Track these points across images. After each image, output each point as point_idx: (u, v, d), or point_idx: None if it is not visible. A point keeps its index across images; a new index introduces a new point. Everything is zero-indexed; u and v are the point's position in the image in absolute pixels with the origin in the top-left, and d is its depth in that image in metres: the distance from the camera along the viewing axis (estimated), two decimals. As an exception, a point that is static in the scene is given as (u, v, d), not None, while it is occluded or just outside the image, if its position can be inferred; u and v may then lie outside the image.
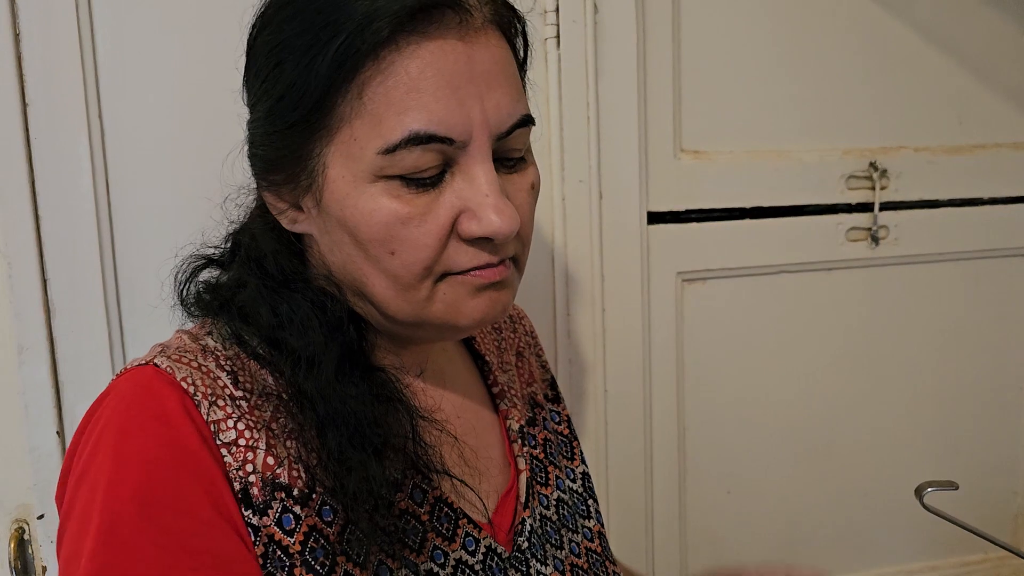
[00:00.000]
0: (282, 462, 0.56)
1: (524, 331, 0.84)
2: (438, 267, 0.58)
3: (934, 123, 1.16)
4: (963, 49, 1.16)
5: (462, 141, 0.56)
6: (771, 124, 1.11)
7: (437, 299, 0.60)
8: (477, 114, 0.56)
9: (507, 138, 0.58)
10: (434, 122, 0.55)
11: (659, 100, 1.06)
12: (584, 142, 1.03)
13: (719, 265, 1.11)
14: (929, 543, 1.23)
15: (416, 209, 0.57)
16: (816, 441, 1.18)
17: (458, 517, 0.64)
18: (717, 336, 1.13)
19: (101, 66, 0.88)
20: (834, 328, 1.17)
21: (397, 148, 0.55)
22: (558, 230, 1.04)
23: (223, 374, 0.58)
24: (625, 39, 1.02)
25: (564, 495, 0.75)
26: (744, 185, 1.10)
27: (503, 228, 0.57)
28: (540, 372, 0.82)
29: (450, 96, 0.56)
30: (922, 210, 1.16)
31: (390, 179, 0.57)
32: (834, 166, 1.13)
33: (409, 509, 0.61)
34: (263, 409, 0.58)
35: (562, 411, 0.81)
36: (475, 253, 0.58)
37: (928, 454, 1.22)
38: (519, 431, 0.73)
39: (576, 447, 0.80)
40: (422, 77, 0.55)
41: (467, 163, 0.57)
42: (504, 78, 0.58)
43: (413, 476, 0.62)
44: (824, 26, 1.11)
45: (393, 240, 0.57)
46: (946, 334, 1.21)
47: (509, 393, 0.75)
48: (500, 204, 0.57)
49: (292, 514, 0.56)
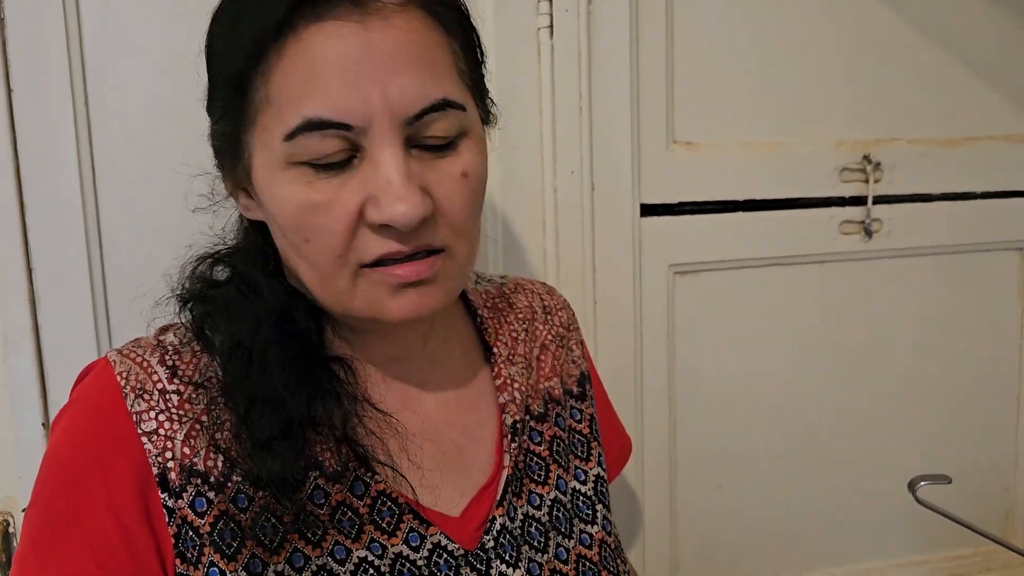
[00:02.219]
0: (198, 452, 0.60)
1: (558, 323, 0.81)
2: (352, 256, 0.59)
3: (928, 116, 1.16)
4: (957, 41, 1.15)
5: (361, 127, 0.56)
6: (764, 116, 1.11)
7: (358, 294, 0.60)
8: (377, 98, 0.56)
9: (419, 122, 0.58)
10: (329, 108, 0.56)
11: (652, 91, 1.05)
12: (576, 133, 1.02)
13: (712, 258, 1.11)
14: (921, 537, 1.23)
15: (324, 196, 0.57)
16: (808, 434, 1.18)
17: (402, 512, 0.64)
18: (709, 329, 1.13)
19: (87, 53, 0.87)
20: (827, 321, 1.16)
21: (295, 135, 0.56)
22: (550, 222, 1.03)
23: (161, 369, 0.62)
24: (618, 29, 1.02)
25: (564, 496, 0.73)
26: (737, 177, 1.10)
27: (405, 214, 0.56)
28: (568, 367, 0.80)
29: (347, 81, 0.56)
30: (916, 203, 1.16)
31: (299, 166, 0.57)
32: (827, 159, 1.12)
33: (346, 501, 0.62)
34: (196, 402, 0.61)
35: (585, 409, 0.79)
36: (383, 241, 0.58)
37: (921, 448, 1.22)
38: (512, 426, 0.71)
39: (595, 448, 0.77)
40: (319, 63, 0.56)
41: (372, 149, 0.57)
42: (414, 61, 0.57)
43: (356, 469, 0.63)
44: (817, 18, 1.10)
45: (304, 227, 0.58)
46: (939, 328, 1.21)
47: (512, 386, 0.73)
48: (403, 190, 0.56)
49: (205, 499, 0.59)
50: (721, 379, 1.14)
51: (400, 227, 0.57)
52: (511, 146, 1.01)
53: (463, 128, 0.61)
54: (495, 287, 0.81)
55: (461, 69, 0.62)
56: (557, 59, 1.00)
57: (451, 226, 0.60)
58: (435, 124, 0.58)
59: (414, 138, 0.58)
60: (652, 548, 1.14)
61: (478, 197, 0.62)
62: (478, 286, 0.81)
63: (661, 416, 1.12)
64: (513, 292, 0.81)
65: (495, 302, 0.79)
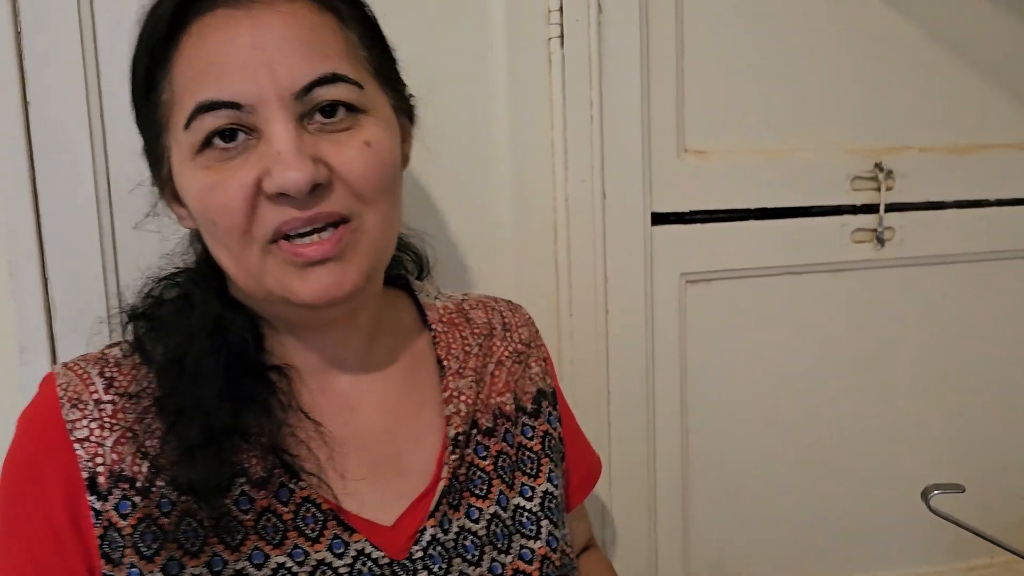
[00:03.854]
0: (125, 458, 0.63)
1: (517, 339, 0.82)
2: (256, 231, 0.61)
3: (941, 123, 1.15)
4: (970, 48, 1.15)
5: (251, 104, 0.60)
6: (776, 124, 1.11)
7: (268, 273, 0.63)
8: (264, 77, 0.59)
9: (308, 96, 0.61)
10: (218, 90, 0.60)
11: (663, 99, 1.05)
12: (587, 142, 1.02)
13: (723, 266, 1.11)
14: (935, 546, 1.22)
15: (222, 175, 0.61)
16: (821, 443, 1.17)
17: (327, 519, 0.65)
18: (721, 337, 1.13)
19: (103, 65, 0.88)
20: (839, 330, 1.16)
21: (191, 121, 0.60)
22: (561, 231, 1.04)
23: (99, 380, 0.66)
24: (629, 39, 1.02)
25: (504, 512, 0.72)
26: (748, 186, 1.10)
27: (296, 180, 0.59)
28: (524, 383, 0.80)
29: (236, 65, 0.60)
30: (928, 211, 1.15)
31: (202, 153, 0.61)
32: (839, 167, 1.12)
33: (271, 507, 0.64)
34: (129, 411, 0.64)
35: (538, 426, 0.79)
36: (280, 210, 0.61)
37: (934, 457, 1.21)
38: (454, 438, 0.72)
39: (545, 464, 0.77)
40: (211, 53, 0.60)
41: (266, 127, 0.60)
42: (302, 41, 0.61)
43: (281, 475, 0.65)
44: (829, 25, 1.10)
45: (208, 208, 0.62)
46: (952, 336, 1.20)
47: (459, 399, 0.74)
48: (292, 158, 0.59)
49: (130, 502, 0.62)
50: (733, 387, 1.14)
51: (292, 193, 0.59)
52: (522, 155, 1.01)
53: (363, 104, 0.63)
54: (454, 303, 0.82)
55: (359, 55, 0.65)
56: (568, 68, 1.00)
57: (354, 194, 0.62)
58: (327, 97, 0.61)
59: (308, 113, 0.61)
60: (665, 557, 1.14)
61: (385, 168, 0.64)
62: (437, 301, 0.82)
63: (673, 424, 1.11)
64: (473, 308, 0.82)
65: (451, 317, 0.80)
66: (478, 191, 1.02)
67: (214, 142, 0.61)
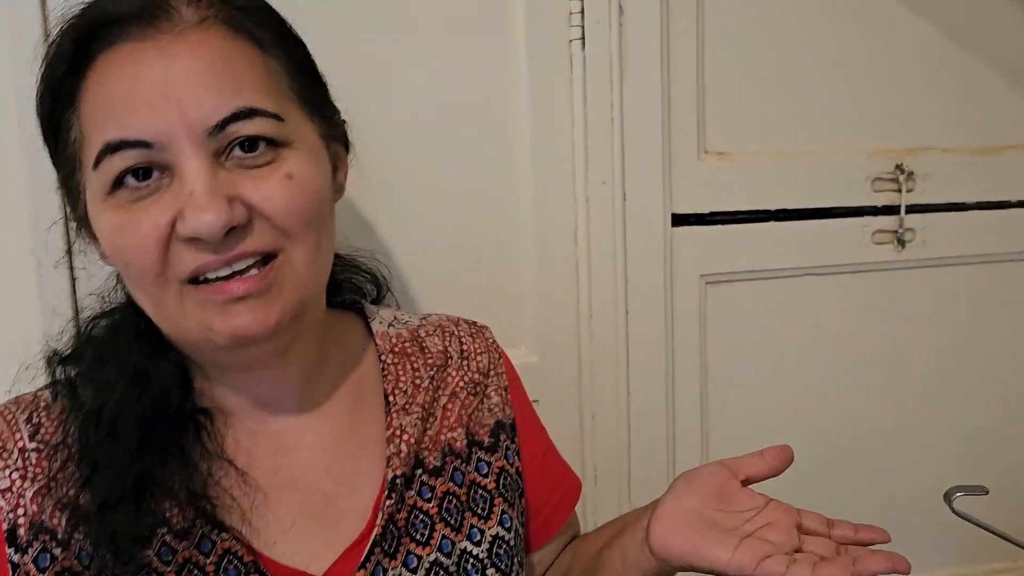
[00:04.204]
0: (45, 509, 0.61)
1: (475, 368, 0.77)
2: (170, 272, 0.58)
3: (962, 124, 1.15)
4: (991, 49, 1.14)
5: (161, 143, 0.57)
6: (796, 125, 1.11)
7: (187, 315, 0.60)
8: (174, 113, 0.56)
9: (223, 132, 0.57)
10: (125, 129, 0.57)
11: (683, 101, 1.05)
12: (608, 144, 1.02)
13: (743, 268, 1.10)
14: (957, 549, 1.21)
15: (134, 216, 0.58)
16: (841, 445, 1.17)
17: (248, 570, 0.62)
18: (741, 339, 1.13)
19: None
20: (859, 331, 1.16)
21: (100, 162, 0.57)
22: (581, 232, 1.04)
23: (26, 428, 0.64)
24: (650, 40, 1.02)
25: (447, 559, 0.68)
26: (769, 187, 1.10)
27: (209, 224, 0.55)
28: (480, 416, 0.75)
29: (143, 101, 0.56)
30: (949, 213, 1.15)
31: (114, 193, 0.58)
32: (860, 168, 1.12)
33: (193, 559, 0.62)
34: (53, 460, 0.62)
35: (495, 462, 0.73)
36: (196, 254, 0.57)
37: (956, 459, 1.20)
38: (391, 481, 0.67)
39: (498, 505, 0.72)
40: (116, 89, 0.57)
41: (178, 165, 0.57)
42: (214, 74, 0.57)
43: (203, 525, 0.63)
44: (850, 26, 1.10)
45: (122, 250, 0.59)
46: (974, 337, 1.19)
47: (400, 438, 0.69)
48: (204, 199, 0.56)
49: (50, 555, 0.60)
50: (753, 389, 1.14)
51: (205, 237, 0.56)
52: (543, 157, 1.01)
53: (284, 138, 0.60)
54: (409, 330, 0.77)
55: (280, 84, 0.62)
56: (589, 70, 1.01)
57: (277, 229, 0.59)
58: (244, 133, 0.58)
59: (223, 150, 0.58)
60: (684, 558, 1.13)
61: (310, 201, 0.60)
62: (391, 328, 0.77)
63: (693, 425, 1.11)
64: (429, 335, 0.77)
65: (404, 346, 0.75)
66: (498, 193, 1.02)
67: (126, 181, 0.58)
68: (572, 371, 1.06)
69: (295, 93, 0.63)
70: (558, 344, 1.06)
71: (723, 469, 0.70)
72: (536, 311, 1.04)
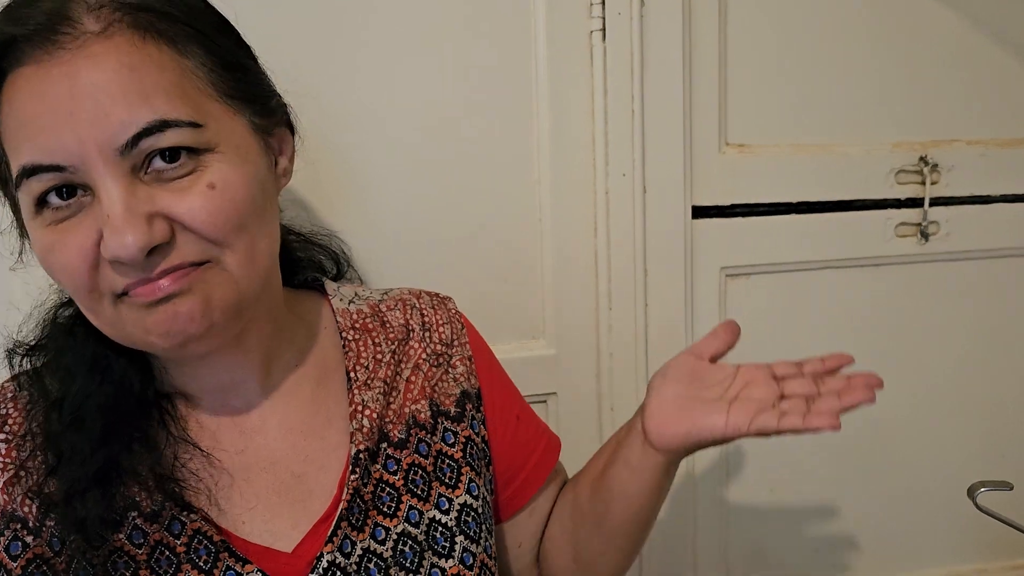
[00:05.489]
0: (15, 498, 0.62)
1: (437, 340, 0.78)
2: (103, 286, 0.58)
3: (987, 116, 1.13)
4: (1017, 39, 1.13)
5: (74, 165, 0.55)
6: (818, 117, 1.10)
7: (125, 321, 0.59)
8: (85, 133, 0.54)
9: (136, 149, 0.55)
10: (37, 151, 0.55)
11: (704, 93, 1.05)
12: (628, 136, 1.02)
13: (764, 260, 1.10)
14: (981, 544, 1.20)
15: (61, 236, 0.57)
16: (863, 439, 1.16)
17: (218, 550, 0.64)
18: (761, 332, 1.12)
19: None
20: (882, 324, 1.15)
21: (20, 185, 0.57)
22: (601, 224, 1.04)
23: None
24: (671, 32, 1.01)
25: (415, 529, 0.70)
26: (790, 179, 1.09)
27: (127, 247, 0.54)
28: (444, 386, 0.76)
29: (52, 121, 0.54)
30: (974, 205, 1.13)
31: (40, 212, 0.57)
32: (883, 160, 1.11)
33: (164, 540, 0.63)
34: (22, 449, 0.63)
35: (461, 431, 0.75)
36: (121, 273, 0.57)
37: (980, 454, 1.19)
38: (355, 456, 0.68)
39: (465, 474, 0.73)
40: (26, 109, 0.55)
41: (94, 185, 0.56)
42: (120, 88, 0.55)
43: (172, 508, 0.64)
44: (874, 18, 1.09)
45: (51, 269, 0.59)
46: (998, 331, 1.18)
47: (363, 413, 0.71)
48: (120, 221, 0.55)
49: (22, 543, 0.62)
50: (773, 382, 1.13)
51: (126, 261, 0.55)
52: (563, 148, 1.01)
53: (204, 144, 0.58)
54: (370, 305, 0.78)
55: (198, 83, 0.59)
56: (609, 62, 1.00)
57: (204, 240, 0.58)
58: (158, 146, 0.56)
59: (141, 164, 0.57)
60: (704, 552, 1.13)
61: (236, 207, 0.59)
62: (351, 306, 0.77)
63: (712, 419, 1.11)
64: (390, 309, 0.78)
65: (365, 322, 0.76)
66: (519, 185, 1.02)
67: (50, 200, 0.57)
68: (591, 364, 1.06)
69: (217, 90, 0.60)
70: (577, 337, 1.05)
71: (688, 355, 0.77)
72: (555, 303, 1.04)
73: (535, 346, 1.05)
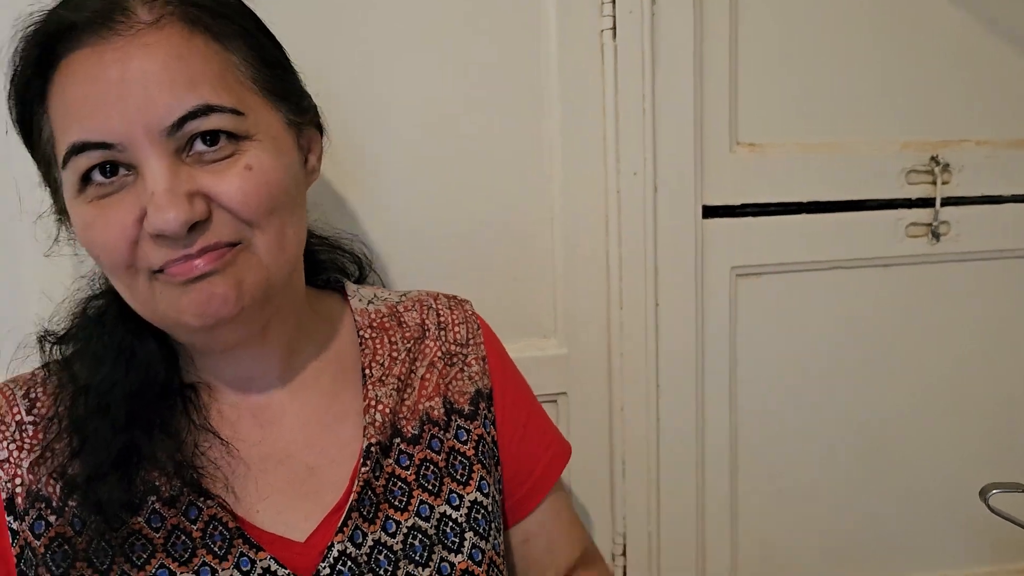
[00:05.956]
0: (40, 478, 0.65)
1: (452, 339, 0.80)
2: (141, 263, 0.61)
3: (999, 116, 1.13)
4: (1030, 40, 1.13)
5: (122, 143, 0.59)
6: (829, 117, 1.09)
7: (158, 300, 0.62)
8: (132, 114, 0.58)
9: (181, 131, 0.59)
10: (86, 130, 0.59)
11: (716, 92, 1.05)
12: (639, 135, 1.02)
13: (775, 260, 1.10)
14: (993, 546, 1.20)
15: (103, 212, 0.60)
16: (873, 440, 1.16)
17: (233, 537, 0.66)
18: (771, 332, 1.12)
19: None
20: (892, 324, 1.14)
21: (67, 162, 0.60)
22: (612, 223, 1.03)
23: (23, 402, 0.68)
24: (682, 31, 1.01)
25: (425, 523, 0.72)
26: (801, 179, 1.08)
27: (169, 222, 0.58)
28: (459, 384, 0.78)
29: (103, 103, 0.58)
30: (985, 206, 1.13)
31: (83, 190, 0.61)
32: (894, 160, 1.10)
33: (180, 525, 0.66)
34: (48, 432, 0.66)
35: (474, 429, 0.77)
36: (164, 250, 0.60)
37: (992, 455, 1.19)
38: (367, 449, 0.71)
39: (477, 471, 0.76)
40: (79, 91, 0.59)
41: (140, 164, 0.59)
42: (169, 73, 0.59)
43: (189, 494, 0.66)
44: (885, 17, 1.09)
45: (92, 244, 0.62)
46: (1009, 331, 1.18)
47: (376, 408, 0.73)
48: (164, 199, 0.58)
49: (45, 522, 0.64)
50: (783, 382, 1.13)
51: (169, 235, 0.59)
52: (574, 147, 1.01)
53: (244, 131, 0.62)
54: (388, 305, 0.80)
55: (240, 76, 0.63)
56: (620, 60, 1.00)
57: (239, 219, 0.61)
58: (202, 128, 0.60)
59: (184, 146, 0.60)
60: (712, 552, 1.13)
61: (270, 190, 0.62)
62: (371, 305, 0.80)
63: (722, 418, 1.11)
64: (408, 310, 0.81)
65: (382, 321, 0.79)
66: (529, 183, 1.02)
67: (93, 177, 0.60)
68: (602, 363, 1.06)
69: (257, 84, 0.64)
70: (588, 336, 1.05)
71: None
72: (566, 303, 1.04)
73: (546, 345, 1.05)
